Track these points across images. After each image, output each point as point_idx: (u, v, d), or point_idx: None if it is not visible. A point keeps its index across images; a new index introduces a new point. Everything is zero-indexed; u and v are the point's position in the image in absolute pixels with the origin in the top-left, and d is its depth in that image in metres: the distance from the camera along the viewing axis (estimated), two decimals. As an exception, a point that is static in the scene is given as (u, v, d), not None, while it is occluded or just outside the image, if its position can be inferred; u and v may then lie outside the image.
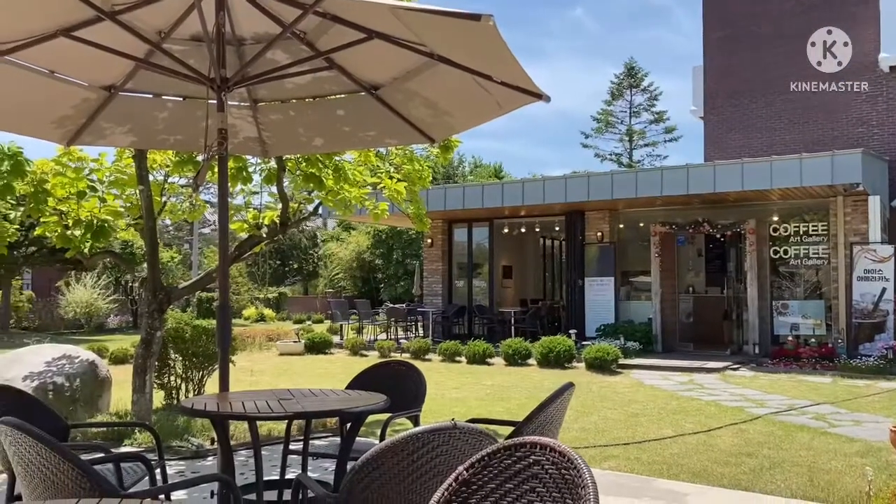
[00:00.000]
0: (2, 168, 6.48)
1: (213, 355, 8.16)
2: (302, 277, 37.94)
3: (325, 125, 5.31)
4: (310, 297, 35.33)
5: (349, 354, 15.77)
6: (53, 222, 6.99)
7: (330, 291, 33.70)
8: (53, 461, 2.34)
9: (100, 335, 21.16)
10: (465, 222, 18.28)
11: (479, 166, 45.82)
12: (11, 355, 8.20)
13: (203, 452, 6.15)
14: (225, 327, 3.98)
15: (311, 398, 3.53)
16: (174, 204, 8.48)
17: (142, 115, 5.10)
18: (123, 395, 8.20)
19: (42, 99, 4.62)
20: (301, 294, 36.58)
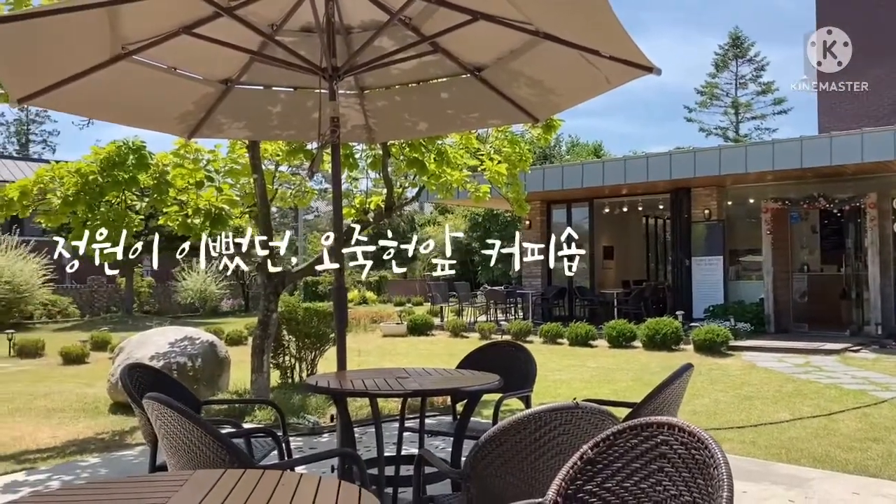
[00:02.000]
0: (128, 162, 6.91)
1: (323, 336, 8.45)
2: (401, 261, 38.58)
3: (430, 109, 5.37)
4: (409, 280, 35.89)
5: (450, 336, 15.95)
6: (174, 212, 7.40)
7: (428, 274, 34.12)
8: (196, 434, 2.50)
9: (214, 318, 22.28)
10: (564, 203, 18.05)
11: (576, 145, 45.09)
12: (139, 337, 8.78)
13: (319, 429, 6.39)
14: (341, 309, 4.12)
15: (426, 377, 3.61)
16: (284, 191, 8.80)
17: (255, 108, 5.30)
18: (240, 375, 8.63)
19: (165, 95, 4.88)
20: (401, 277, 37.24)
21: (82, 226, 6.99)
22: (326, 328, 8.44)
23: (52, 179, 6.97)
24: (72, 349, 12.41)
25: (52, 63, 4.01)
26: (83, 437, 6.80)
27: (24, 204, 7.02)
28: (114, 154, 6.82)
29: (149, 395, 2.58)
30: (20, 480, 5.24)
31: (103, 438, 6.71)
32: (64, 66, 4.05)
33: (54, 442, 6.60)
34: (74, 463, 5.76)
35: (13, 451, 6.24)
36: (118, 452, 6.11)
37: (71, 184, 6.83)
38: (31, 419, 7.67)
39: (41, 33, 3.68)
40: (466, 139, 7.51)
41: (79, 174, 6.86)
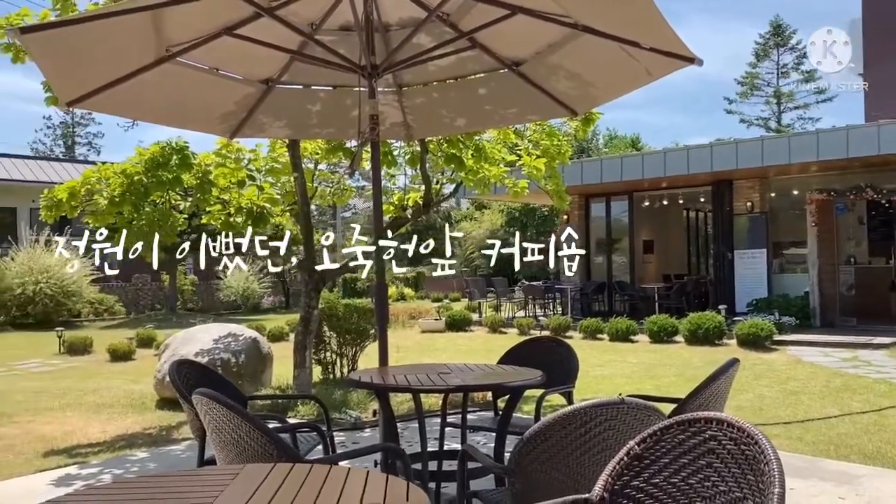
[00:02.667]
0: (171, 162, 7.05)
1: (363, 332, 8.51)
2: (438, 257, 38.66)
3: (468, 105, 5.37)
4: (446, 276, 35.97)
5: (488, 332, 15.94)
6: (217, 210, 7.53)
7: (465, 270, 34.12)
8: (244, 429, 2.54)
9: (256, 315, 22.59)
10: (603, 196, 17.89)
11: (613, 138, 44.62)
12: (184, 334, 8.95)
13: (360, 424, 6.45)
14: (382, 305, 4.15)
15: (468, 373, 3.62)
16: (323, 189, 8.88)
17: (295, 107, 5.35)
18: (282, 371, 8.75)
19: (208, 96, 4.96)
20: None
21: (128, 225, 7.16)
22: (366, 324, 8.50)
23: (98, 180, 7.15)
24: (119, 346, 12.70)
25: (99, 66, 4.11)
26: (131, 431, 6.96)
27: (72, 205, 7.21)
28: (158, 155, 6.97)
29: (198, 390, 2.63)
30: (73, 474, 5.38)
31: (151, 433, 6.86)
32: (110, 69, 4.14)
33: (104, 437, 6.76)
34: (124, 457, 5.91)
35: (65, 446, 6.41)
36: (166, 447, 6.25)
37: (117, 184, 6.99)
38: (82, 414, 7.87)
39: (88, 38, 3.77)
40: (504, 134, 7.49)
41: (124, 175, 7.02)
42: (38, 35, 3.51)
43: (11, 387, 9.70)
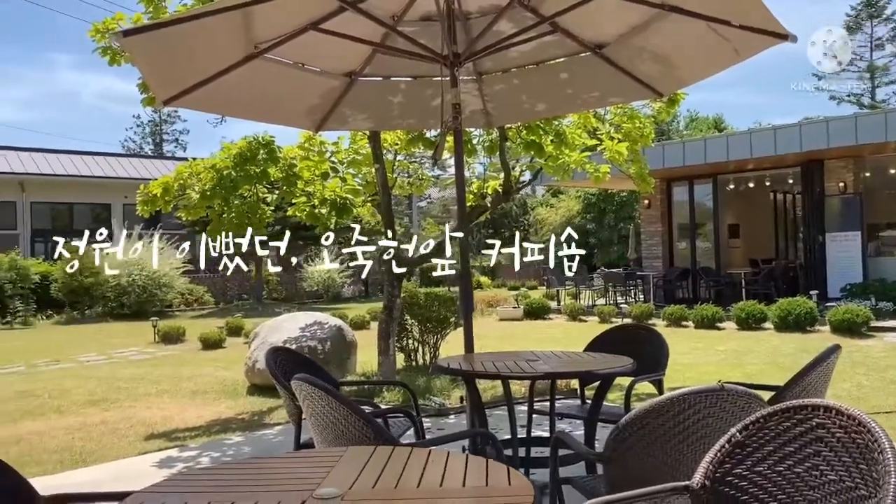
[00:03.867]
0: (259, 156, 7.26)
1: (444, 320, 8.59)
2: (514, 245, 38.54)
3: (548, 90, 5.32)
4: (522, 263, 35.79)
5: (568, 320, 15.81)
6: (302, 202, 7.71)
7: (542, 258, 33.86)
8: (342, 413, 2.61)
9: (337, 304, 23.07)
10: (686, 180, 17.42)
11: (694, 119, 43.32)
12: (272, 323, 9.23)
13: (445, 410, 6.53)
14: (467, 294, 4.17)
15: (556, 360, 3.61)
16: (402, 180, 8.98)
17: (377, 99, 5.43)
18: (365, 358, 8.93)
19: (294, 90, 5.09)
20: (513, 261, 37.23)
21: (219, 218, 7.42)
22: (447, 312, 8.57)
23: (190, 175, 7.43)
24: (210, 335, 13.22)
25: (193, 66, 4.27)
26: (225, 416, 7.24)
27: (166, 199, 7.53)
28: (246, 149, 7.19)
29: (298, 375, 2.72)
30: (174, 456, 5.65)
31: (243, 418, 7.12)
32: (203, 67, 4.30)
33: (200, 421, 7.06)
34: (220, 441, 6.16)
35: (164, 430, 6.73)
36: (259, 431, 6.48)
37: (208, 179, 7.26)
38: (178, 400, 8.24)
39: (182, 38, 3.92)
40: (585, 118, 7.39)
41: (214, 170, 7.28)
42: (137, 37, 3.68)
43: (113, 374, 10.24)
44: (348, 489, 1.71)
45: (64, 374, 10.25)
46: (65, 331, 17.02)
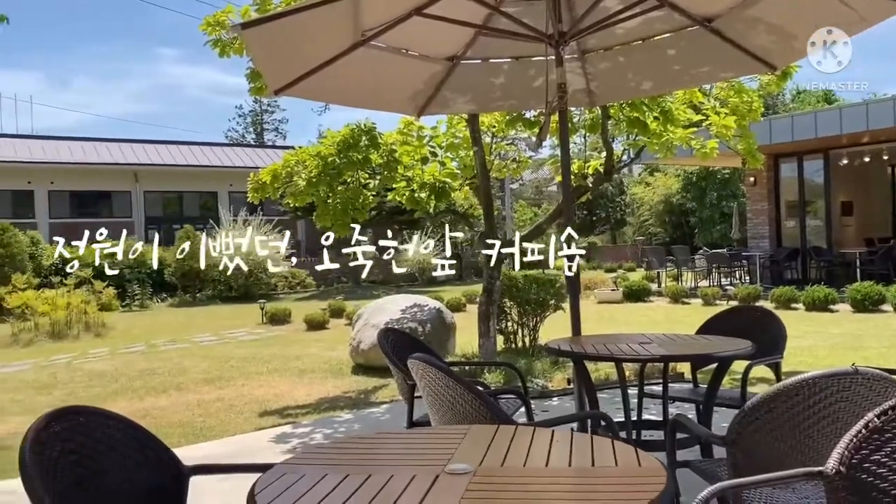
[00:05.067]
0: (361, 143, 7.42)
1: (543, 303, 8.56)
2: (610, 226, 37.83)
3: (655, 67, 5.19)
4: (618, 245, 35.08)
5: (669, 302, 15.43)
6: (402, 187, 7.84)
7: (640, 239, 33.12)
8: (458, 392, 2.66)
9: (431, 287, 23.35)
10: (794, 156, 16.59)
11: (801, 93, 41.11)
12: (374, 305, 9.47)
13: (548, 392, 6.52)
14: (574, 275, 4.15)
15: (669, 342, 3.55)
16: (500, 162, 8.97)
17: (479, 81, 5.43)
18: (463, 340, 9.03)
19: (398, 76, 5.16)
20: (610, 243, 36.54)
21: (324, 204, 7.64)
22: (546, 295, 8.53)
23: (297, 163, 7.68)
24: (314, 317, 13.67)
25: (303, 55, 4.40)
26: (332, 395, 7.50)
27: (275, 186, 7.81)
28: (348, 137, 7.37)
29: (415, 355, 2.79)
30: (289, 432, 5.91)
31: (350, 397, 7.35)
32: (312, 57, 4.42)
33: (309, 399, 7.34)
34: (330, 418, 6.39)
35: (277, 407, 7.04)
36: (366, 410, 6.67)
37: (313, 166, 7.48)
38: (287, 379, 8.58)
39: (293, 29, 4.05)
40: (690, 93, 7.15)
41: (319, 157, 7.49)
42: (253, 30, 3.82)
43: (226, 353, 10.76)
44: (478, 465, 1.75)
45: (181, 354, 10.86)
46: (178, 313, 17.99)
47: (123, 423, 2.23)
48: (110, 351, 11.41)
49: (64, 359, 10.69)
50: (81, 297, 14.33)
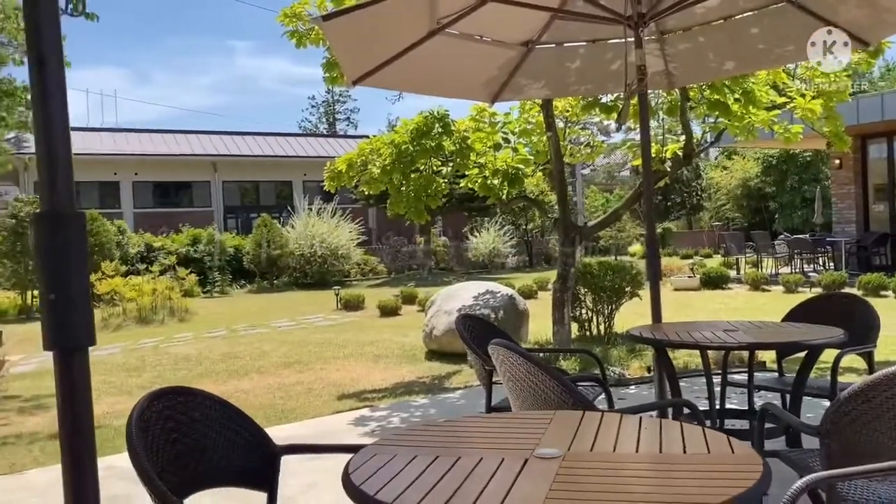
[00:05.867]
0: (434, 130, 7.46)
1: (618, 290, 8.45)
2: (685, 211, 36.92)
3: (737, 46, 5.03)
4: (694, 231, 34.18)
5: (749, 289, 14.97)
6: (475, 174, 7.85)
7: (717, 224, 32.20)
8: (540, 378, 2.67)
9: (502, 273, 23.33)
10: (884, 136, 15.79)
11: (891, 70, 39.06)
12: (446, 291, 9.52)
13: (625, 381, 6.45)
14: (654, 262, 4.08)
15: (755, 330, 3.45)
16: (574, 147, 8.87)
17: (553, 66, 5.38)
18: (536, 327, 9.00)
19: (472, 63, 5.17)
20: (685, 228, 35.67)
21: (398, 192, 7.73)
22: (621, 282, 8.42)
23: (371, 151, 7.78)
24: (387, 303, 13.86)
25: (380, 45, 4.45)
26: (407, 380, 7.60)
27: (350, 175, 7.94)
28: (422, 124, 7.41)
29: (496, 341, 2.81)
30: (367, 416, 6.03)
31: (424, 382, 7.44)
32: (389, 46, 4.47)
33: (384, 383, 7.46)
34: (406, 403, 6.48)
35: (354, 391, 7.18)
36: (441, 395, 6.74)
37: (387, 154, 7.57)
38: (363, 363, 8.74)
39: (372, 19, 4.10)
40: (774, 74, 6.90)
41: (393, 145, 7.57)
42: (334, 21, 3.89)
43: (303, 338, 11.03)
44: (567, 450, 1.75)
45: (261, 338, 11.19)
46: (257, 299, 18.52)
47: (219, 403, 2.32)
48: (194, 335, 11.85)
49: (151, 342, 11.17)
50: (166, 283, 14.93)
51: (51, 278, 1.54)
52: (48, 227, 1.54)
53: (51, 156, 1.50)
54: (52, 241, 1.53)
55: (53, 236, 1.53)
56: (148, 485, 1.85)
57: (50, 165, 1.51)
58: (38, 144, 1.53)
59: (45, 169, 1.53)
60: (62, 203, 1.53)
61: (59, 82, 1.56)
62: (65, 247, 1.53)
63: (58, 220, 1.54)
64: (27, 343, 11.49)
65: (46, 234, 1.54)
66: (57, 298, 1.53)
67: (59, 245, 1.53)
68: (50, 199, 1.54)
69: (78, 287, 1.56)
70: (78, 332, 1.58)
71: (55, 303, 1.53)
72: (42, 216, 1.55)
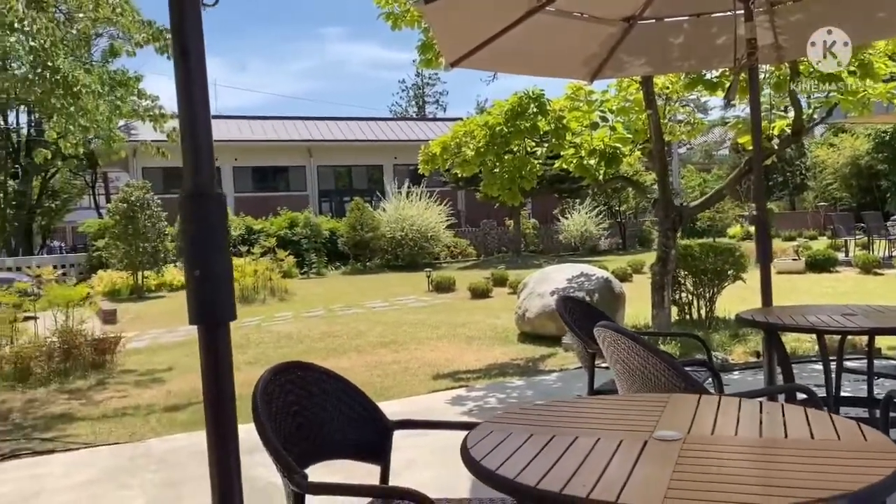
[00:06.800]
0: (528, 110, 7.40)
1: (721, 273, 8.18)
2: (788, 191, 35.27)
3: (854, 15, 4.73)
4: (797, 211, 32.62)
5: (859, 273, 14.19)
6: (570, 154, 7.74)
7: (822, 204, 30.61)
8: (650, 361, 2.62)
9: (594, 256, 22.99)
10: None
11: None
12: (539, 274, 9.47)
13: (728, 366, 6.26)
14: (764, 242, 3.93)
15: (876, 314, 3.28)
16: (674, 125, 8.61)
17: (656, 42, 5.23)
18: (632, 310, 8.83)
19: (571, 41, 5.08)
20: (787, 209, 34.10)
21: (491, 174, 7.72)
22: (724, 265, 8.14)
23: (465, 134, 7.80)
24: (477, 285, 13.92)
25: (479, 26, 4.44)
26: (500, 361, 7.63)
27: (444, 158, 7.98)
28: (516, 105, 7.37)
29: (602, 323, 2.78)
30: (463, 395, 6.09)
31: (518, 364, 7.44)
32: (487, 27, 4.46)
33: (478, 364, 7.51)
34: (502, 384, 6.51)
35: (448, 371, 7.27)
36: (536, 377, 6.73)
37: (481, 136, 7.57)
38: (455, 344, 8.83)
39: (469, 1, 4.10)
40: (894, 44, 6.47)
41: (487, 126, 7.56)
42: (435, 3, 3.91)
43: (397, 319, 11.24)
44: (687, 433, 1.72)
45: (356, 318, 11.47)
46: (350, 280, 18.96)
47: (335, 378, 2.41)
48: (293, 314, 12.27)
49: (253, 321, 11.63)
50: (266, 264, 15.50)
51: (196, 256, 1.63)
52: (193, 207, 1.63)
53: (195, 140, 1.59)
54: (197, 221, 1.63)
55: (198, 216, 1.62)
56: (273, 454, 1.94)
57: (194, 149, 1.60)
58: (183, 130, 1.62)
59: (190, 153, 1.62)
60: (205, 184, 1.62)
61: (201, 73, 1.64)
62: (208, 226, 1.61)
63: (202, 200, 1.63)
64: (138, 321, 12.20)
65: (191, 213, 1.63)
66: (202, 275, 1.62)
67: (202, 224, 1.62)
68: (194, 181, 1.63)
69: (220, 264, 1.65)
70: (221, 307, 1.67)
71: (200, 279, 1.62)
72: (187, 197, 1.64)
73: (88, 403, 6.53)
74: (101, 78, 7.93)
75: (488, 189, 7.96)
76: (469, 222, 28.33)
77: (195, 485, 4.13)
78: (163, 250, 17.12)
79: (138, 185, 17.59)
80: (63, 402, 6.61)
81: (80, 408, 6.36)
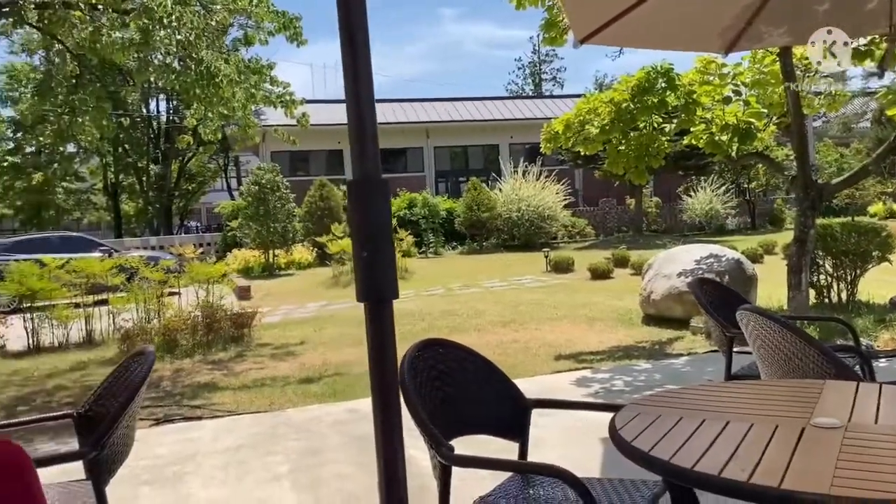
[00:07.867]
0: (657, 86, 7.18)
1: (864, 254, 7.68)
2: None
3: None
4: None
5: None
6: (701, 130, 7.46)
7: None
8: (798, 346, 2.52)
9: (721, 236, 22.08)
10: None
11: None
12: (665, 255, 9.21)
13: (873, 353, 5.89)
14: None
15: None
16: (811, 98, 8.11)
17: (799, 9, 4.93)
18: (765, 292, 8.43)
19: (705, 12, 4.88)
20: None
21: (616, 152, 7.56)
22: (868, 245, 7.63)
23: (589, 111, 7.67)
24: (598, 265, 13.72)
25: (608, 1, 4.35)
26: (624, 343, 7.50)
27: (567, 136, 7.89)
28: (643, 80, 7.16)
29: (745, 307, 2.70)
30: (588, 377, 6.05)
31: (644, 347, 7.29)
32: (617, 2, 4.35)
33: (601, 346, 7.42)
34: (628, 367, 6.41)
35: (570, 352, 7.23)
36: (664, 360, 6.58)
37: (606, 113, 7.42)
38: (576, 325, 8.76)
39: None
40: None
41: (612, 103, 7.40)
42: (566, -19, 3.85)
43: (515, 298, 11.27)
44: (847, 421, 1.66)
45: (475, 297, 11.60)
46: (468, 259, 19.16)
47: (474, 356, 2.46)
48: (415, 292, 12.55)
49: (377, 299, 12.00)
50: (387, 244, 15.90)
51: (363, 238, 1.71)
52: (361, 191, 1.71)
53: (361, 128, 1.66)
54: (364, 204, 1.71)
55: (365, 200, 1.70)
56: (420, 426, 2.01)
57: (361, 136, 1.68)
58: (350, 117, 1.70)
59: (356, 140, 1.70)
60: (371, 169, 1.70)
61: (366, 60, 1.71)
62: (374, 209, 1.69)
63: (369, 185, 1.71)
64: (271, 298, 12.86)
65: (359, 197, 1.71)
66: (368, 256, 1.70)
67: (369, 208, 1.70)
68: (361, 167, 1.71)
69: (384, 246, 1.73)
70: (385, 286, 1.75)
71: (367, 260, 1.71)
72: (356, 182, 1.73)
73: (229, 374, 6.98)
74: (238, 67, 8.35)
75: (613, 167, 7.81)
76: (587, 201, 27.88)
77: (335, 454, 4.35)
78: (291, 230, 17.93)
79: (269, 168, 18.45)
80: (207, 373, 7.10)
81: (223, 378, 6.81)
